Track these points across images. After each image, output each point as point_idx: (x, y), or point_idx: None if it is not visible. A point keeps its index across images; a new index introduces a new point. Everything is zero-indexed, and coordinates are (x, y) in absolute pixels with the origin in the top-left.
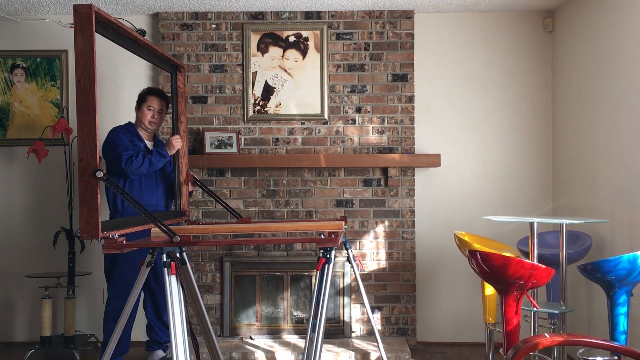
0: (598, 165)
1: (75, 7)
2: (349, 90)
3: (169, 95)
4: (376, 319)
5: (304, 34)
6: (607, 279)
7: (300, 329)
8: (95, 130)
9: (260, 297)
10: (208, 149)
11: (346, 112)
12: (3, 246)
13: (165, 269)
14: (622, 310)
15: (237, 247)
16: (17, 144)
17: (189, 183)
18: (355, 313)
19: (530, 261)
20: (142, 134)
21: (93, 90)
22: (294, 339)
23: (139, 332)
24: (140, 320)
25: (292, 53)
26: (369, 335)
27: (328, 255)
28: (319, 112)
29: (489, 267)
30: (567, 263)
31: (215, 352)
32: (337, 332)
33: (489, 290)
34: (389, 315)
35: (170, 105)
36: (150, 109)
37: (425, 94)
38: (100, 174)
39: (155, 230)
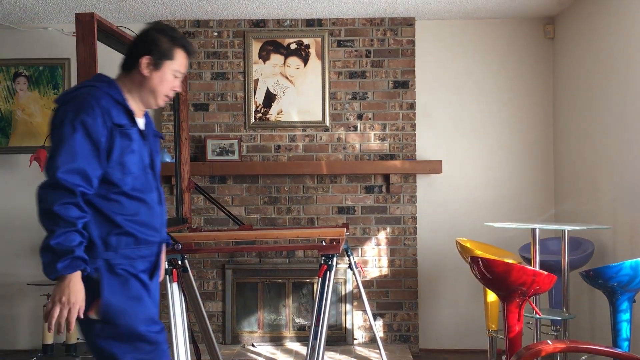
0: (600, 171)
1: (78, 15)
2: (350, 97)
3: None
4: (378, 326)
5: (306, 41)
6: (609, 286)
7: (302, 336)
8: None
9: (262, 304)
10: (210, 156)
11: (347, 119)
12: (5, 254)
13: (167, 276)
14: (625, 316)
15: (239, 254)
16: (19, 151)
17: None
18: (357, 320)
19: (532, 268)
20: (135, 106)
21: None
22: (295, 346)
23: None
24: None
25: (294, 60)
26: (371, 342)
27: (330, 262)
28: (320, 119)
29: (491, 274)
30: (569, 269)
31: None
32: (339, 339)
33: (491, 297)
34: (391, 322)
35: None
36: (177, 76)
37: (427, 101)
38: None
39: None
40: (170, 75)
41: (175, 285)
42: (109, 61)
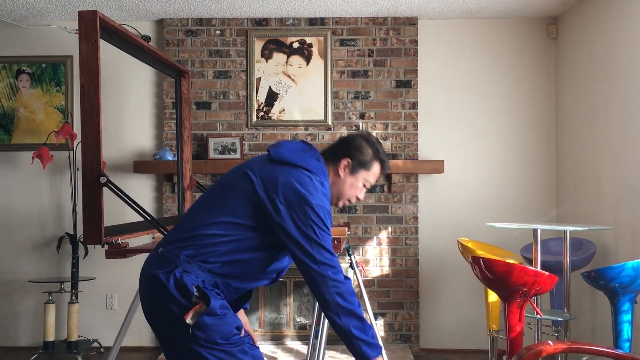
0: (602, 172)
1: (80, 13)
2: (353, 96)
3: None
4: (379, 325)
5: (308, 40)
6: (610, 286)
7: (303, 335)
8: (99, 136)
9: (263, 303)
10: (212, 154)
11: (350, 118)
12: (7, 251)
13: None
14: (626, 317)
15: None
16: (21, 149)
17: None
18: None
19: (533, 268)
20: None
21: (97, 96)
22: (296, 345)
23: (143, 338)
24: (142, 324)
25: (296, 59)
26: None
27: None
28: (322, 118)
29: (492, 274)
30: (571, 270)
31: None
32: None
33: (493, 297)
34: (392, 322)
35: None
36: (367, 186)
37: (429, 101)
38: (103, 180)
39: (158, 236)
40: (360, 183)
41: None
42: (111, 59)
